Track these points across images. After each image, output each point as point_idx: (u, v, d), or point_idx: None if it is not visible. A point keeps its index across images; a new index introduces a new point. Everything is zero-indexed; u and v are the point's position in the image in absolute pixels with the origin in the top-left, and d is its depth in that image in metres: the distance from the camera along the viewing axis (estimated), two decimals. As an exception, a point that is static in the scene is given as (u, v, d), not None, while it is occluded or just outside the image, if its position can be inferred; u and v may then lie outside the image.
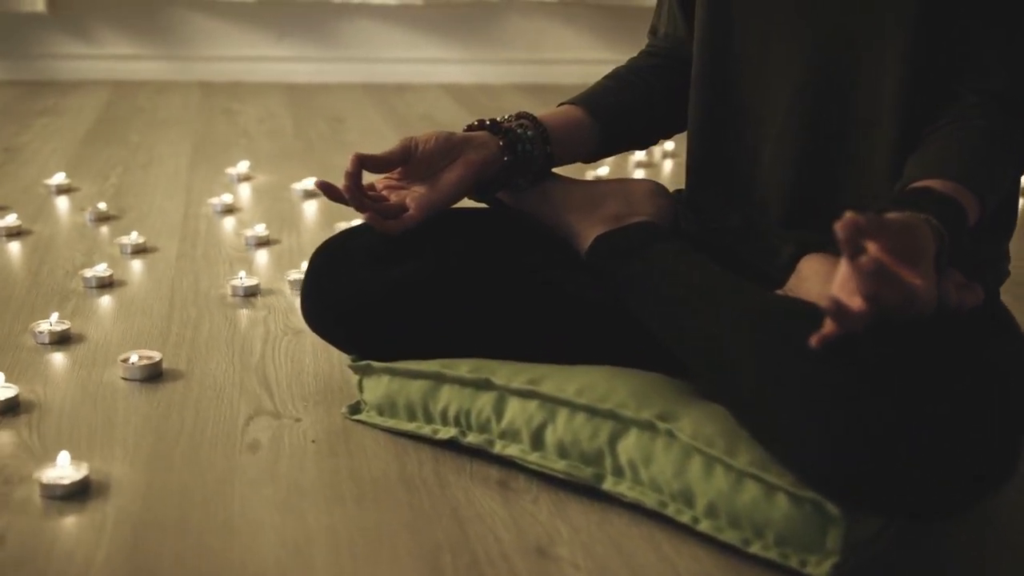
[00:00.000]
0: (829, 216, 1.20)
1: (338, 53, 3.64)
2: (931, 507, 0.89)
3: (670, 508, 1.00)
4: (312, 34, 3.62)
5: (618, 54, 3.78)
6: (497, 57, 3.75)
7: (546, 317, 1.20)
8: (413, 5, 3.57)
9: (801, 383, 0.93)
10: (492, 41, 3.75)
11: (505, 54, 3.76)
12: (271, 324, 1.48)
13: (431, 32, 3.69)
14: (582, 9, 3.77)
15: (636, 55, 1.40)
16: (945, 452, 0.87)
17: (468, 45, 3.73)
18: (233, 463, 1.10)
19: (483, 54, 3.74)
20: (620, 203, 1.25)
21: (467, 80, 3.66)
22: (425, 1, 3.54)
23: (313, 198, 2.15)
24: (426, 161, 1.20)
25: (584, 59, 3.80)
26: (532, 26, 3.77)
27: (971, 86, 1.12)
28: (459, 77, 3.67)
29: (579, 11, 3.78)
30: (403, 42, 3.67)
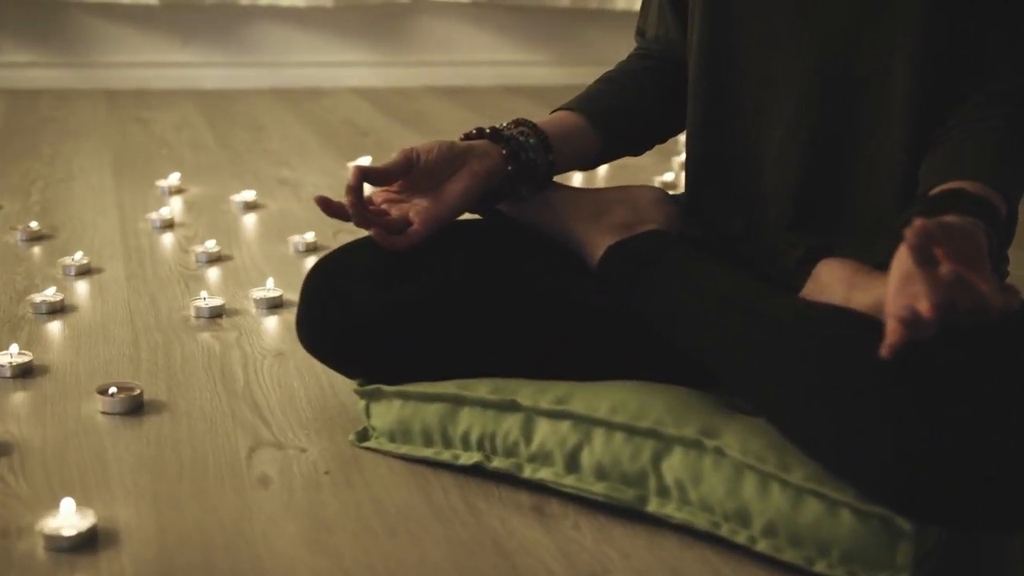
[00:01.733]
0: (834, 219, 1.20)
1: (246, 58, 3.53)
2: (1007, 519, 0.87)
3: (723, 529, 0.96)
4: (218, 38, 3.50)
5: (531, 55, 3.79)
6: (409, 59, 3.69)
7: (557, 328, 1.16)
8: (323, 7, 3.49)
9: (863, 394, 0.90)
10: (404, 43, 3.69)
11: (417, 56, 3.70)
12: (246, 347, 1.40)
13: (342, 35, 3.61)
14: (493, 10, 3.73)
15: (626, 58, 1.36)
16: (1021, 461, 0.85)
17: (380, 48, 3.66)
18: (246, 500, 1.03)
19: (395, 56, 3.67)
20: (627, 211, 1.21)
21: (380, 83, 3.59)
22: (335, 3, 3.46)
23: (254, 210, 2.06)
24: (428, 172, 1.14)
25: (497, 60, 3.77)
26: (444, 27, 3.71)
27: (980, 86, 1.12)
28: (372, 80, 3.59)
29: (491, 12, 3.74)
30: (313, 45, 3.58)
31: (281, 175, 2.34)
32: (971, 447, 0.85)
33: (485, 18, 3.75)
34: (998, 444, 0.86)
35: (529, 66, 3.80)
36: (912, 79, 1.12)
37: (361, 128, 2.93)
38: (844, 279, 1.11)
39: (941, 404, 0.87)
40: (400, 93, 3.49)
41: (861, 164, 1.18)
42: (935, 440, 0.86)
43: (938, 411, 0.87)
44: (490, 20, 3.75)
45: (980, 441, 0.85)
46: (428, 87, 3.60)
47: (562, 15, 3.80)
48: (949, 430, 0.86)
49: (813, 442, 0.94)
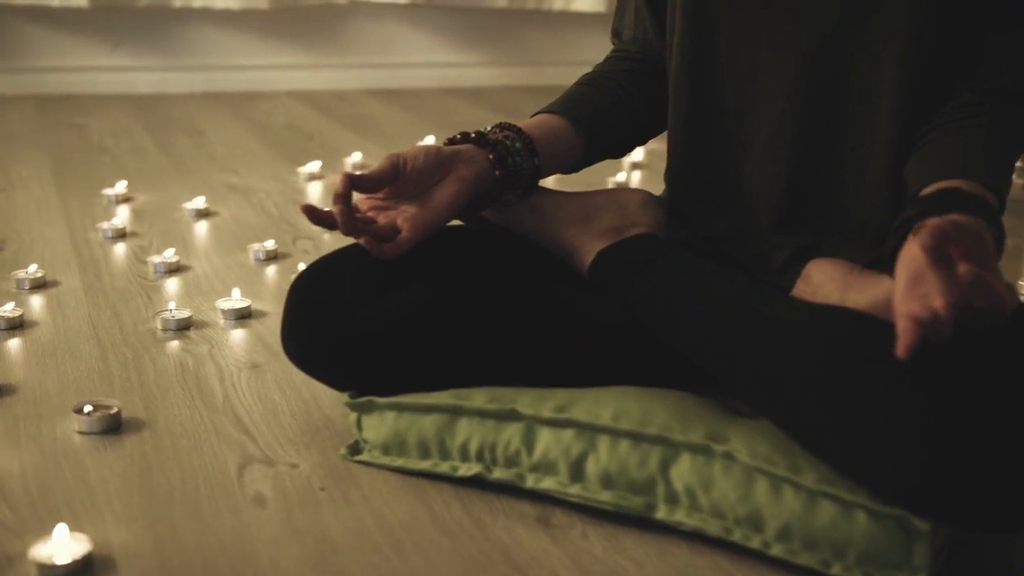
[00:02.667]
0: (820, 219, 1.20)
1: (180, 61, 3.46)
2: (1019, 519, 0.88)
3: (736, 534, 0.95)
4: (151, 42, 3.43)
5: (468, 56, 3.77)
6: (347, 62, 3.65)
7: (552, 334, 1.14)
8: (258, 10, 3.43)
9: (875, 393, 0.90)
10: (341, 45, 3.65)
11: (355, 58, 3.66)
12: (219, 359, 1.36)
13: (278, 37, 3.56)
14: (430, 11, 3.70)
15: (604, 60, 1.35)
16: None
17: (316, 50, 3.61)
18: (244, 521, 1.00)
19: (332, 59, 3.63)
20: (616, 215, 1.20)
21: (317, 86, 3.54)
22: (271, 5, 3.41)
23: (206, 218, 2.01)
24: (415, 178, 1.12)
25: (435, 62, 3.75)
26: (381, 29, 3.68)
27: (969, 84, 1.12)
28: (309, 83, 3.55)
29: (428, 13, 3.71)
30: (249, 48, 3.53)
31: (230, 181, 2.29)
32: (984, 445, 0.85)
33: (422, 19, 3.72)
34: (1010, 443, 0.86)
35: (467, 67, 3.78)
36: (900, 78, 1.12)
37: (304, 132, 2.88)
38: (838, 279, 1.12)
39: (953, 403, 0.87)
40: (339, 96, 3.45)
41: (847, 163, 1.18)
42: (948, 439, 0.86)
43: (950, 410, 0.87)
44: (427, 21, 3.73)
45: (993, 440, 0.86)
46: (366, 89, 3.56)
47: (499, 16, 3.79)
48: (962, 429, 0.86)
49: (822, 443, 0.94)
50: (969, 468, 0.86)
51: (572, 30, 3.88)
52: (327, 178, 2.36)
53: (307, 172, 2.34)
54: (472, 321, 1.12)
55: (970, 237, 0.87)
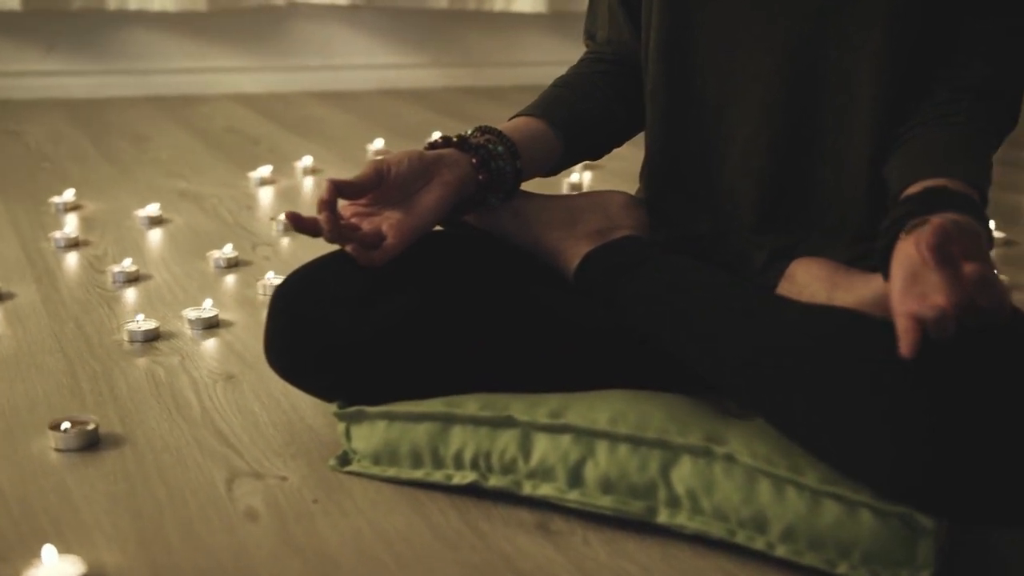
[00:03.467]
0: (799, 218, 1.21)
1: (116, 65, 3.39)
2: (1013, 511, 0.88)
3: (740, 536, 0.95)
4: (85, 45, 3.36)
5: (409, 57, 3.75)
6: (287, 64, 3.60)
7: (541, 340, 1.13)
8: (196, 12, 3.37)
9: (872, 395, 0.90)
10: (280, 48, 3.60)
11: (295, 61, 3.62)
12: (192, 371, 1.33)
13: (216, 40, 3.50)
14: (370, 13, 3.68)
15: (578, 61, 1.34)
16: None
17: (255, 53, 3.57)
18: (239, 537, 0.97)
19: (272, 61, 3.58)
20: (599, 217, 1.20)
21: (257, 89, 3.50)
22: (209, 7, 3.35)
23: (160, 225, 1.97)
24: (400, 184, 1.10)
25: (376, 63, 3.72)
26: (320, 31, 3.64)
27: (947, 83, 1.14)
28: (249, 86, 3.50)
29: (368, 15, 3.68)
30: (187, 51, 3.47)
31: (179, 187, 2.25)
32: (984, 443, 0.86)
33: (362, 21, 3.69)
34: (1010, 438, 0.87)
35: (408, 68, 3.76)
36: (878, 76, 1.13)
37: (250, 136, 2.84)
38: (824, 278, 1.12)
39: (953, 401, 0.87)
40: (280, 99, 3.40)
41: (827, 158, 1.19)
42: (948, 438, 0.86)
43: (951, 408, 0.87)
44: (367, 23, 3.70)
45: (993, 436, 0.86)
46: (308, 92, 3.52)
47: (440, 17, 3.77)
48: (962, 427, 0.86)
49: (819, 443, 0.94)
50: (970, 466, 0.86)
51: (513, 31, 3.87)
52: (279, 183, 2.32)
53: (258, 177, 2.31)
54: (460, 327, 1.11)
55: (969, 236, 0.88)
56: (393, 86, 3.68)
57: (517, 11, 3.75)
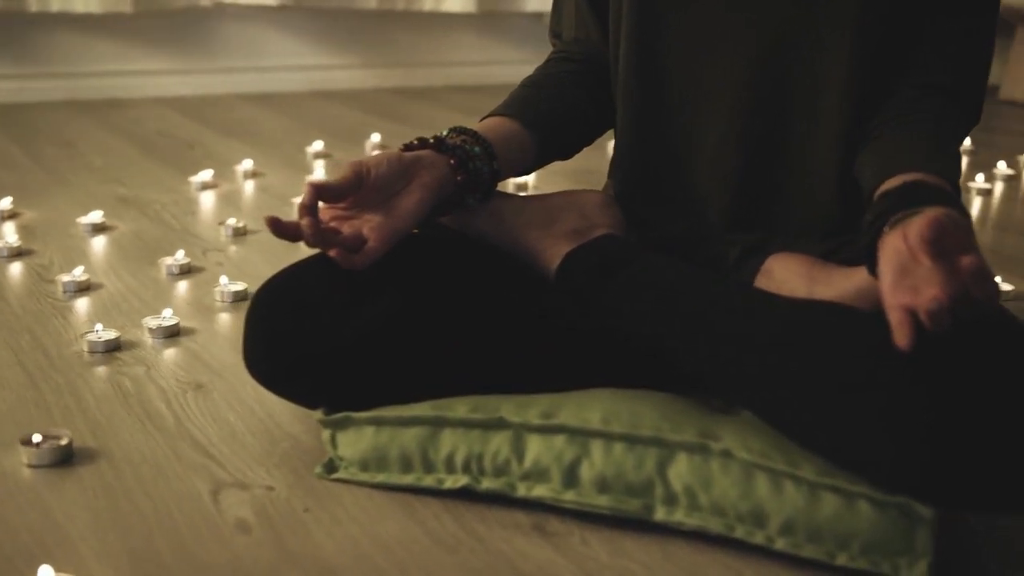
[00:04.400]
0: (771, 216, 1.22)
1: (38, 68, 3.31)
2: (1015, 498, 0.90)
3: (739, 531, 0.96)
4: (6, 48, 3.27)
5: (339, 58, 3.72)
6: (215, 66, 3.55)
7: (525, 340, 1.13)
8: (121, 14, 3.30)
9: (870, 391, 0.91)
10: (208, 50, 3.55)
11: (223, 63, 3.56)
12: (160, 381, 1.30)
13: (142, 42, 3.43)
14: (299, 14, 3.64)
15: (546, 61, 1.34)
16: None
17: (183, 55, 3.51)
18: (233, 549, 0.95)
19: (200, 64, 3.53)
20: (576, 217, 1.20)
21: (186, 92, 3.44)
22: (135, 9, 3.28)
23: (104, 232, 1.93)
24: (379, 186, 1.09)
25: (305, 65, 3.69)
26: (248, 32, 3.59)
27: (912, 81, 1.16)
28: (177, 89, 3.44)
29: (296, 16, 3.64)
30: (112, 54, 3.40)
31: (118, 193, 2.20)
32: (982, 435, 0.87)
33: (290, 22, 3.65)
34: (1007, 429, 0.88)
35: (338, 69, 3.72)
36: (847, 76, 1.15)
37: (183, 140, 2.79)
38: (802, 273, 1.14)
39: (952, 395, 0.88)
40: (210, 101, 3.35)
41: (797, 161, 1.20)
42: (948, 433, 0.87)
43: (950, 402, 0.88)
44: (296, 24, 3.66)
45: (991, 427, 0.87)
46: (237, 94, 3.47)
47: (369, 17, 3.74)
48: (962, 420, 0.87)
49: (818, 439, 0.95)
50: (968, 460, 0.88)
51: (442, 31, 3.86)
52: (220, 187, 2.28)
53: (199, 181, 2.27)
54: (442, 329, 1.10)
55: (961, 229, 0.90)
56: (323, 87, 3.65)
57: (446, 11, 3.74)
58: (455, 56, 3.88)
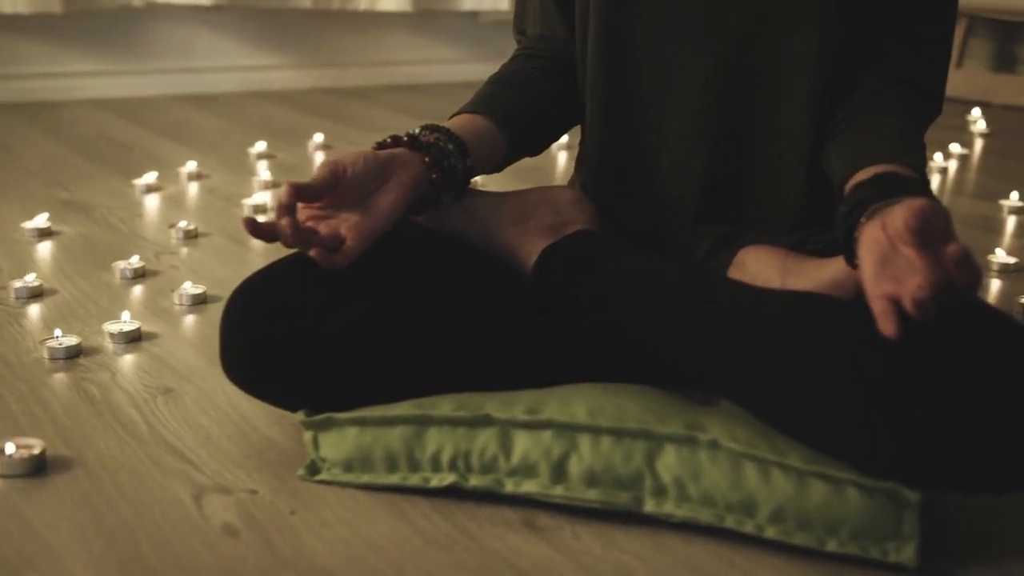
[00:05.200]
0: (739, 209, 1.24)
1: (-35, 71, 3.22)
2: (1009, 479, 0.92)
3: (729, 520, 0.97)
4: (-69, 51, 3.18)
5: (274, 59, 3.68)
6: (148, 68, 3.49)
7: (504, 337, 1.13)
8: (50, 14, 3.22)
9: (869, 384, 0.91)
10: (141, 51, 3.48)
11: (156, 64, 3.50)
12: (127, 387, 1.28)
13: (73, 43, 3.36)
14: (233, 14, 3.59)
15: (511, 58, 1.34)
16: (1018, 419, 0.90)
17: (115, 56, 3.44)
18: (223, 554, 0.94)
19: (133, 65, 3.46)
20: (550, 213, 1.20)
21: (120, 94, 3.38)
22: (64, 9, 3.21)
23: (50, 237, 1.89)
24: (356, 185, 1.08)
25: (240, 65, 3.65)
26: (182, 33, 3.54)
27: (875, 74, 1.18)
28: (110, 91, 3.37)
29: (230, 16, 3.59)
30: (42, 55, 3.32)
31: (61, 197, 2.16)
32: (976, 423, 0.89)
33: (224, 22, 3.60)
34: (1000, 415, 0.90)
35: (273, 70, 3.68)
36: (812, 69, 1.17)
37: (121, 142, 2.74)
38: (775, 265, 1.15)
39: (943, 388, 0.89)
40: (144, 103, 3.29)
41: (764, 154, 1.22)
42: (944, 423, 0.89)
43: (942, 395, 0.89)
44: (230, 24, 3.61)
45: (984, 415, 0.89)
46: (171, 96, 3.42)
47: (304, 17, 3.71)
48: (955, 411, 0.88)
49: (811, 431, 0.96)
50: (963, 450, 0.89)
51: (378, 30, 3.84)
52: (165, 189, 2.25)
53: (143, 184, 2.23)
54: (423, 328, 1.09)
55: (943, 218, 0.92)
56: (259, 88, 3.61)
57: (382, 10, 3.71)
58: (391, 55, 3.86)
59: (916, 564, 0.92)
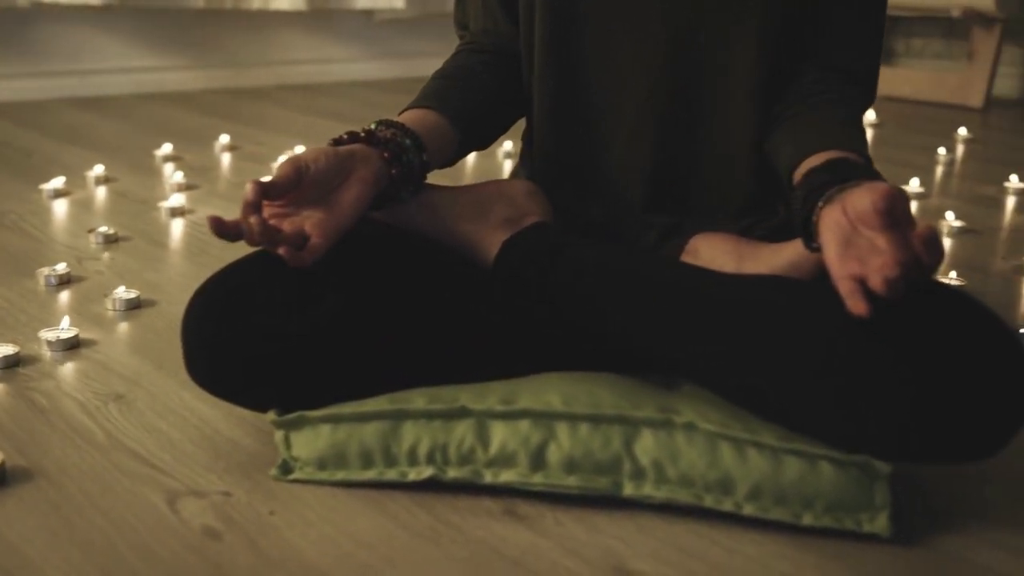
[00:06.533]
0: (686, 198, 1.27)
1: None
2: (988, 447, 0.96)
3: (707, 500, 0.99)
4: None
5: (166, 60, 3.61)
6: (36, 70, 3.39)
7: (467, 328, 1.13)
8: (-68, 16, 3.11)
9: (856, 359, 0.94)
10: (28, 53, 3.38)
11: (44, 67, 3.40)
12: (75, 395, 1.25)
13: (-44, 46, 3.25)
14: (123, 14, 3.51)
15: (455, 53, 1.34)
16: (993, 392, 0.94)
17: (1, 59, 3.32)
18: (208, 556, 0.93)
19: (18, 68, 3.36)
20: (507, 206, 1.21)
21: (6, 98, 3.27)
22: (-54, 11, 3.10)
23: (-37, 245, 1.82)
24: (318, 182, 1.08)
25: (131, 67, 3.57)
26: (70, 35, 3.44)
27: (813, 64, 1.23)
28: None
29: (120, 17, 3.51)
30: (-77, 59, 3.20)
31: (-34, 205, 2.08)
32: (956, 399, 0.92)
33: (115, 23, 3.51)
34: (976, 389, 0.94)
35: (166, 71, 3.61)
36: (756, 61, 1.21)
37: (19, 147, 2.65)
38: (729, 251, 1.18)
39: (916, 354, 0.93)
40: (35, 107, 3.20)
41: (710, 144, 1.25)
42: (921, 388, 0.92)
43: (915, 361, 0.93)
44: (120, 25, 3.52)
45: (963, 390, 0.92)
46: (62, 99, 3.33)
47: (196, 17, 3.64)
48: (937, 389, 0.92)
49: (790, 410, 0.98)
50: (944, 425, 0.93)
51: (272, 29, 3.79)
52: (73, 194, 2.19)
53: (51, 189, 2.16)
54: (390, 324, 1.09)
55: (905, 201, 0.96)
56: (153, 90, 3.53)
57: (276, 9, 3.67)
58: (285, 55, 3.82)
59: (889, 533, 0.96)
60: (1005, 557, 0.95)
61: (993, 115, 3.60)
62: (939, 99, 3.72)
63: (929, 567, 0.94)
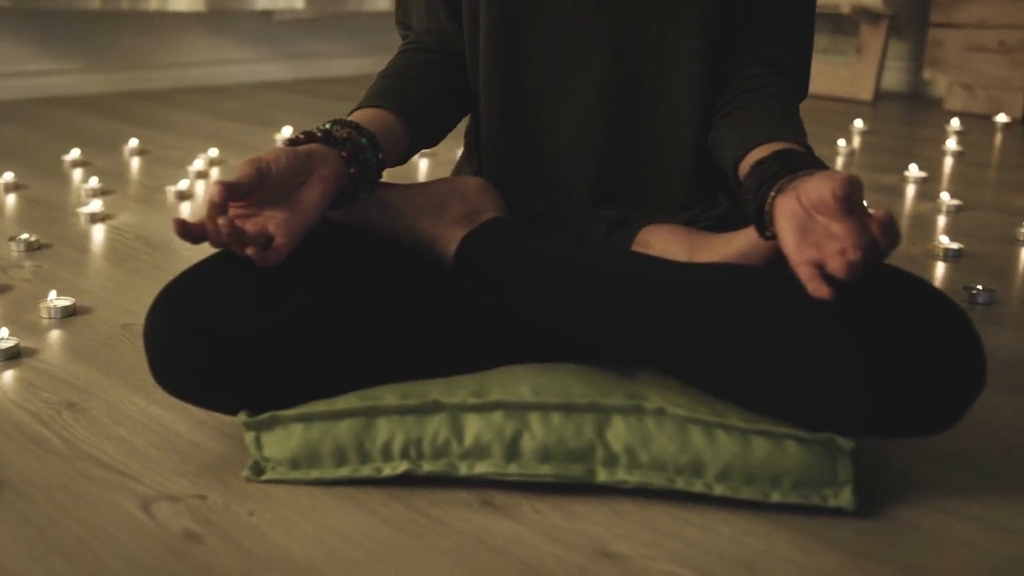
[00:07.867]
0: (631, 193, 1.30)
1: None
2: (942, 421, 1.01)
3: (679, 482, 1.02)
4: None
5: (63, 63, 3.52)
6: (-75, 76, 3.27)
7: (432, 324, 1.15)
8: None
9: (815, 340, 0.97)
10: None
11: (-66, 72, 3.29)
12: (25, 404, 1.22)
13: None
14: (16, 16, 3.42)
15: (399, 52, 1.35)
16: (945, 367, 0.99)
17: None
18: (194, 559, 0.92)
19: (-93, 73, 3.24)
20: (461, 202, 1.23)
21: None
22: None
23: None
24: (280, 182, 1.08)
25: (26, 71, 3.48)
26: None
27: (751, 60, 1.27)
28: None
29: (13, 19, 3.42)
30: None
31: None
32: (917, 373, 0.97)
33: (7, 25, 3.41)
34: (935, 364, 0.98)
35: (63, 75, 3.52)
36: (697, 57, 1.25)
37: (-83, 155, 2.57)
38: (681, 242, 1.22)
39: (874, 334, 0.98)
40: (-73, 113, 3.09)
41: (654, 139, 1.29)
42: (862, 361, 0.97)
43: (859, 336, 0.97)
44: (13, 27, 3.42)
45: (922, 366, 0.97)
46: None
47: (92, 18, 3.56)
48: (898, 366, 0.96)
49: (756, 394, 1.02)
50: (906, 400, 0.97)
51: (170, 31, 3.73)
52: (-15, 202, 2.13)
53: (-37, 197, 2.11)
54: (355, 323, 1.10)
55: (860, 188, 1.00)
56: (50, 94, 3.45)
57: (173, 10, 3.61)
58: (184, 57, 3.76)
59: (854, 507, 1.00)
60: (956, 523, 1.00)
61: (882, 107, 3.73)
62: (831, 93, 3.84)
63: (889, 536, 0.98)
